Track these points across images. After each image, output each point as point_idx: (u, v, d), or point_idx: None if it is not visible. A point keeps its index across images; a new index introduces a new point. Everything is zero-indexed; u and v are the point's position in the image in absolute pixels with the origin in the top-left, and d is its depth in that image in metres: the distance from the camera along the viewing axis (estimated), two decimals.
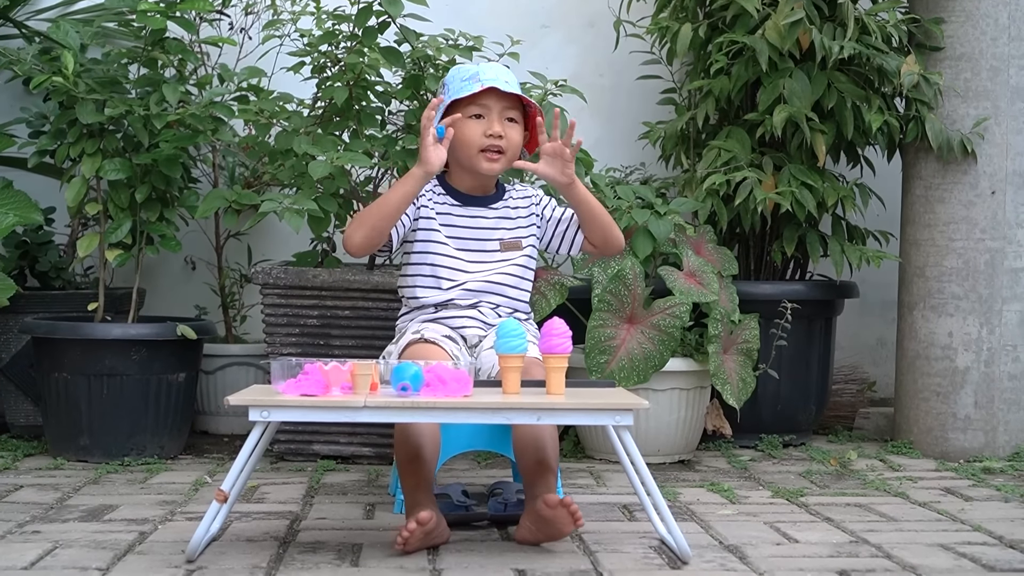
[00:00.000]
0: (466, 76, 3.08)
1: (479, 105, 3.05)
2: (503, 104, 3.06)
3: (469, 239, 3.11)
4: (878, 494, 3.44)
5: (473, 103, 3.05)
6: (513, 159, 3.09)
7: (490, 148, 3.05)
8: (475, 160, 3.06)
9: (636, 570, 2.60)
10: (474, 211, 3.12)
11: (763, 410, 4.13)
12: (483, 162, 3.06)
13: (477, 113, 3.05)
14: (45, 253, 4.26)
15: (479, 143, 3.05)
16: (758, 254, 4.32)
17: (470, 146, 3.05)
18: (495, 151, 3.05)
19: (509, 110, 3.07)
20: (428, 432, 2.84)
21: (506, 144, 3.05)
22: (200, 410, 4.32)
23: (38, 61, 3.90)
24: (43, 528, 2.95)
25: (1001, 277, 4.04)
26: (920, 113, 4.06)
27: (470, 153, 3.06)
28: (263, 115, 3.85)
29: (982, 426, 4.05)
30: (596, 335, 3.77)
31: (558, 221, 3.19)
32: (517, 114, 3.09)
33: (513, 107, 3.08)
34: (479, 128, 3.05)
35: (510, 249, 3.12)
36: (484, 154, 3.05)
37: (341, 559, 2.66)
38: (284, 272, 3.78)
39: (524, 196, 3.20)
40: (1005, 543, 2.87)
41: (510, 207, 3.16)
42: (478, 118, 3.05)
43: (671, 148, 4.35)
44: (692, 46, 4.17)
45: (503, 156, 3.06)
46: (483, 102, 3.05)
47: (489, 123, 3.05)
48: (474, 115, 3.05)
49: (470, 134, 3.04)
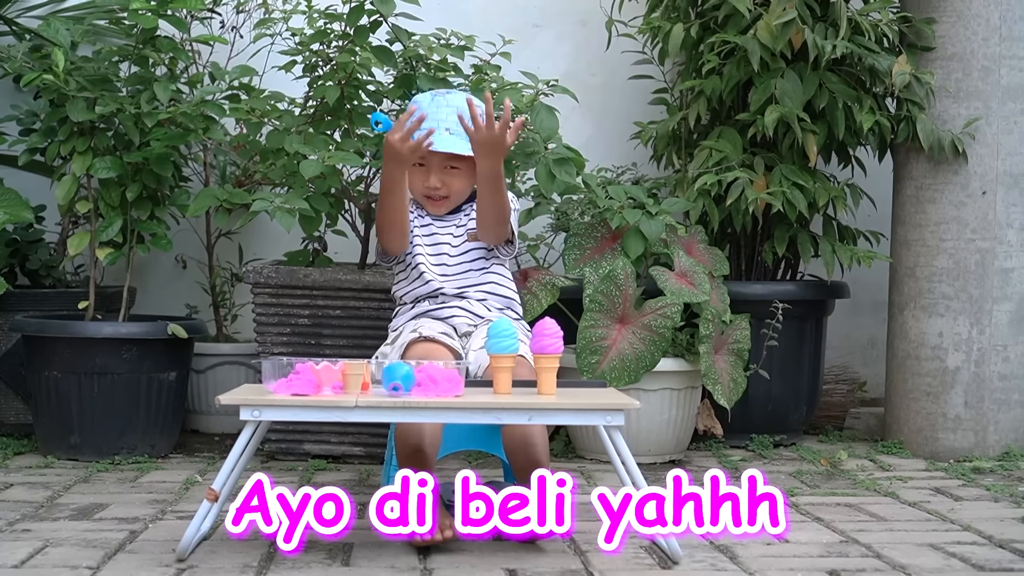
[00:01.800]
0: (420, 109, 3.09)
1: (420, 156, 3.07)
2: (441, 156, 3.11)
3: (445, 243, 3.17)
4: (868, 494, 3.44)
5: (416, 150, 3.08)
6: (460, 199, 3.18)
7: (431, 195, 3.15)
8: (423, 202, 3.18)
9: (627, 570, 2.60)
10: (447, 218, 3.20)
11: (754, 410, 4.13)
12: (428, 205, 3.18)
13: (420, 162, 3.11)
14: (36, 251, 4.25)
15: (421, 191, 3.16)
16: (749, 254, 4.32)
17: (415, 192, 3.17)
18: (437, 198, 3.15)
19: (450, 160, 3.12)
20: (429, 427, 2.84)
21: (445, 191, 3.15)
22: (191, 409, 4.32)
23: (29, 58, 3.90)
24: (33, 527, 2.94)
25: (991, 277, 4.05)
26: (911, 113, 4.07)
27: (418, 194, 3.17)
28: (254, 114, 3.85)
29: (972, 426, 4.05)
30: (587, 335, 3.77)
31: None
32: (460, 162, 3.12)
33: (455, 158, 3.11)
34: (420, 178, 3.14)
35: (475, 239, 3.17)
36: (427, 199, 3.17)
37: (332, 558, 2.66)
38: (275, 271, 3.78)
39: None
40: (995, 543, 2.88)
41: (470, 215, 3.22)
42: (420, 166, 3.12)
43: (663, 148, 4.36)
44: (684, 46, 4.18)
45: (446, 200, 3.16)
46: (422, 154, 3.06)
47: (427, 174, 3.13)
48: (418, 163, 3.11)
49: (414, 183, 3.15)
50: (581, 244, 3.95)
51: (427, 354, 2.89)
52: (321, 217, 3.81)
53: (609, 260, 3.86)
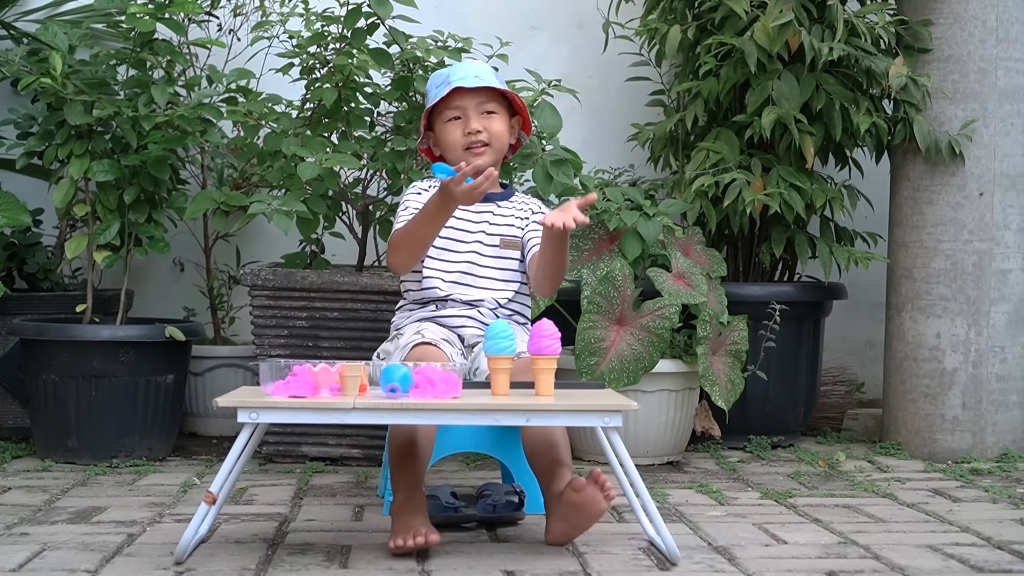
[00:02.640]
0: (439, 82, 3.13)
1: (453, 108, 3.10)
2: (477, 100, 3.10)
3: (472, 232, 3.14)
4: (866, 495, 3.44)
5: (447, 107, 3.11)
6: (502, 149, 3.14)
7: (472, 145, 3.09)
8: (460, 158, 3.07)
9: (625, 571, 2.60)
10: (480, 208, 3.16)
11: (752, 411, 4.13)
12: (471, 158, 3.05)
13: (454, 116, 3.10)
14: (33, 255, 4.25)
15: (461, 143, 3.09)
16: (747, 256, 4.32)
17: (455, 149, 3.10)
18: (479, 146, 3.09)
19: (485, 103, 3.11)
20: (424, 428, 2.84)
21: (488, 136, 3.10)
22: (189, 412, 4.31)
23: (26, 62, 3.90)
24: (31, 530, 2.94)
25: (989, 278, 4.05)
26: (908, 115, 4.07)
27: (457, 155, 3.09)
28: (252, 116, 3.85)
29: (970, 427, 4.06)
30: (586, 337, 3.77)
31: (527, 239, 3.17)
32: (497, 105, 3.13)
33: (490, 99, 3.12)
34: (458, 130, 3.10)
35: (509, 247, 3.15)
36: (469, 152, 3.08)
37: (330, 561, 2.66)
38: (273, 274, 3.78)
39: (527, 202, 3.24)
40: (993, 544, 2.88)
41: (516, 206, 3.20)
42: (456, 120, 3.10)
43: (660, 150, 4.36)
44: (681, 48, 4.18)
45: (489, 147, 3.10)
46: (456, 104, 3.10)
47: (466, 122, 3.09)
48: (452, 118, 3.10)
49: (451, 138, 3.10)
50: (579, 246, 3.95)
51: (423, 358, 2.88)
52: (318, 219, 3.81)
53: (607, 261, 3.86)
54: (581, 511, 2.72)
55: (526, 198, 3.27)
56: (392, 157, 3.77)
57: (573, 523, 2.75)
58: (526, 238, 3.17)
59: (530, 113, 3.78)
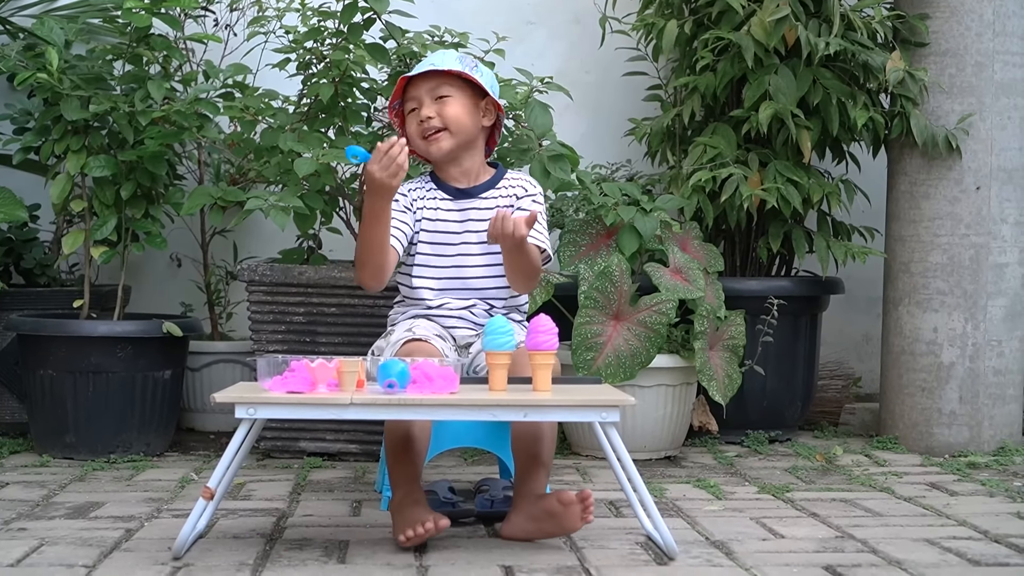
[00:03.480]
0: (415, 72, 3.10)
1: (409, 100, 3.08)
2: (429, 85, 3.05)
3: (459, 231, 3.09)
4: (864, 489, 3.45)
5: (406, 100, 3.09)
6: (463, 131, 3.05)
7: (426, 132, 3.05)
8: (423, 150, 3.08)
9: (623, 566, 2.61)
10: (464, 203, 3.10)
11: (749, 406, 4.13)
12: (429, 148, 3.06)
13: (412, 108, 3.07)
14: (30, 250, 4.25)
15: (417, 132, 3.06)
16: (744, 250, 4.33)
17: (414, 141, 3.08)
18: (432, 133, 3.04)
19: (438, 88, 3.04)
20: (419, 423, 2.84)
21: (440, 121, 3.04)
22: (186, 407, 4.31)
23: (22, 57, 3.89)
24: (29, 525, 2.94)
25: (986, 272, 4.06)
26: (905, 109, 4.07)
27: (418, 146, 3.08)
28: (248, 112, 3.84)
29: (967, 421, 4.06)
30: (583, 332, 3.77)
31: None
32: (453, 88, 3.05)
33: (443, 83, 3.05)
34: (414, 121, 3.07)
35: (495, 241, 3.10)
36: (426, 140, 3.06)
37: (328, 556, 2.66)
38: (270, 269, 3.78)
39: (514, 184, 3.13)
40: (990, 538, 2.88)
41: (502, 195, 3.12)
42: (414, 112, 3.07)
43: (657, 145, 4.36)
44: (678, 43, 4.18)
45: (446, 131, 3.05)
46: (411, 95, 3.07)
47: (420, 111, 3.05)
48: (411, 111, 3.08)
49: (409, 130, 3.08)
50: (576, 241, 3.95)
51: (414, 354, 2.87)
52: (315, 215, 3.80)
53: (604, 257, 3.86)
54: (556, 522, 2.75)
55: (515, 177, 3.16)
56: None
57: (541, 528, 2.78)
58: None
59: (521, 112, 3.78)
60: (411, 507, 2.75)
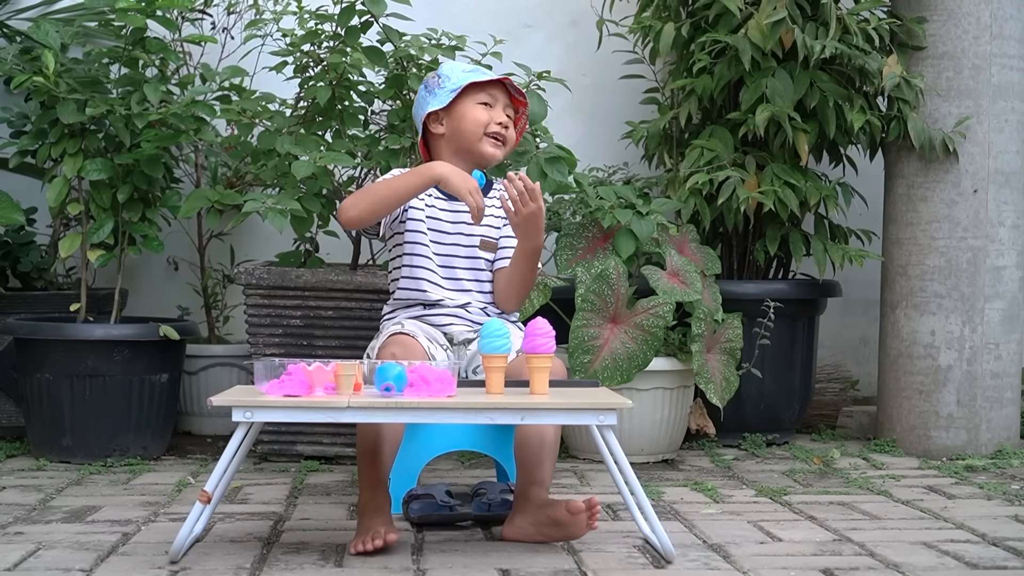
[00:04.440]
0: (468, 68, 3.17)
1: (487, 94, 3.11)
2: (506, 100, 3.14)
3: (450, 232, 3.10)
4: (861, 492, 3.45)
5: (482, 91, 3.12)
6: (511, 151, 3.18)
7: (496, 133, 3.10)
8: (479, 144, 3.10)
9: (620, 569, 2.60)
10: (457, 205, 3.10)
11: (746, 409, 4.13)
12: (487, 146, 3.10)
13: (484, 101, 3.11)
14: (27, 253, 4.25)
15: (486, 126, 3.09)
16: (741, 253, 4.32)
17: (477, 127, 3.09)
18: (501, 138, 3.11)
19: (509, 108, 3.16)
20: (387, 429, 2.83)
21: (509, 135, 3.13)
22: (183, 411, 4.31)
23: (19, 61, 3.89)
24: (26, 529, 2.93)
25: (983, 275, 4.06)
26: (902, 112, 4.07)
27: (475, 135, 3.10)
28: (245, 115, 3.84)
29: (964, 424, 4.06)
30: (580, 335, 3.77)
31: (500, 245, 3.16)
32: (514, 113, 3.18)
33: (511, 107, 3.17)
34: (487, 114, 3.10)
35: (487, 249, 3.12)
36: (488, 139, 3.10)
37: (325, 559, 2.66)
38: (267, 272, 3.78)
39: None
40: (988, 541, 2.88)
41: (495, 205, 3.15)
42: (485, 106, 3.11)
43: (654, 147, 4.36)
44: (675, 45, 4.18)
45: (504, 146, 3.13)
46: (492, 91, 3.12)
47: (496, 112, 3.11)
48: (482, 102, 3.11)
49: (480, 117, 3.10)
50: (572, 244, 3.95)
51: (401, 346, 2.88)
52: (313, 218, 3.80)
53: (601, 260, 3.86)
54: (561, 530, 2.76)
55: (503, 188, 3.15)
56: (386, 155, 3.76)
57: (544, 532, 2.79)
58: (500, 243, 3.14)
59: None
60: (371, 514, 2.76)
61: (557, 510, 2.75)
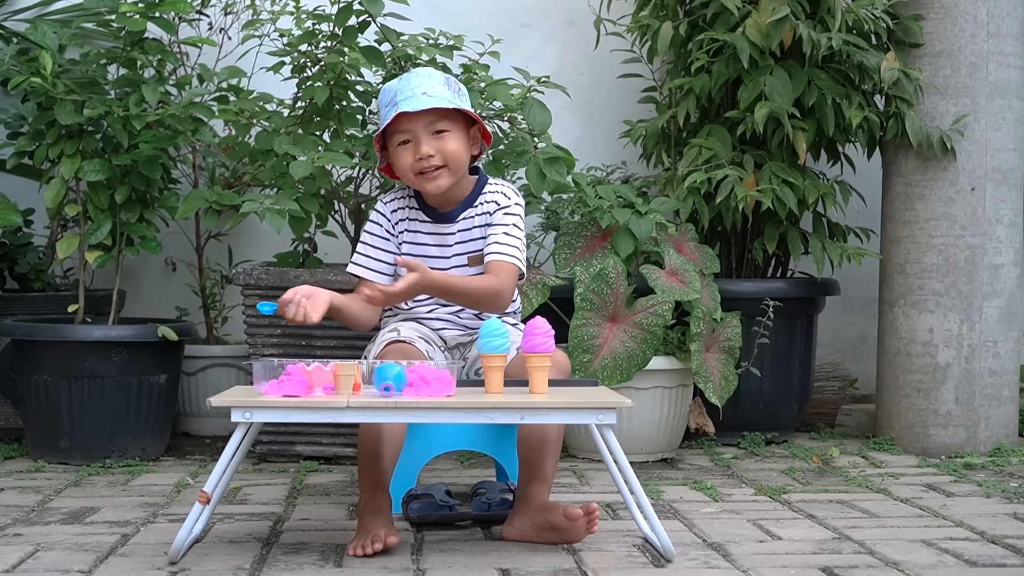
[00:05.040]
0: (387, 101, 2.94)
1: (402, 132, 2.92)
2: (426, 120, 2.90)
3: (438, 257, 3.01)
4: (860, 491, 3.45)
5: (396, 130, 2.93)
6: (460, 166, 2.94)
7: (425, 170, 2.91)
8: (419, 186, 2.96)
9: (620, 568, 2.60)
10: (441, 227, 3.02)
11: (745, 408, 4.13)
12: (426, 185, 2.93)
13: (403, 139, 2.92)
14: (24, 255, 4.24)
15: (413, 168, 2.92)
16: (740, 252, 4.32)
17: (407, 175, 2.94)
18: (432, 170, 2.92)
19: (436, 123, 2.91)
20: (389, 430, 2.83)
21: (441, 159, 2.91)
22: (182, 411, 4.31)
23: (16, 62, 3.88)
24: (25, 531, 2.93)
25: (981, 273, 4.06)
26: (900, 110, 4.07)
27: (410, 180, 2.95)
28: (243, 115, 3.84)
29: (963, 422, 4.06)
30: (579, 334, 3.77)
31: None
32: (449, 122, 2.93)
33: (440, 117, 2.92)
34: (409, 154, 2.91)
35: (476, 263, 3.01)
36: (422, 177, 2.93)
37: (324, 560, 2.66)
38: (265, 273, 3.77)
39: (489, 200, 3.03)
40: (987, 538, 2.88)
41: (477, 214, 3.02)
42: (405, 144, 2.92)
43: (652, 146, 4.36)
44: (673, 44, 4.18)
45: (445, 169, 2.92)
46: (404, 127, 2.91)
47: (416, 146, 2.90)
48: (402, 142, 2.92)
49: (402, 163, 2.93)
50: (571, 243, 3.94)
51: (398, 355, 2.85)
52: (311, 218, 3.80)
53: (599, 259, 3.86)
54: (559, 534, 2.77)
55: (493, 190, 3.04)
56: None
57: (542, 536, 2.79)
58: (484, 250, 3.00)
59: (519, 111, 3.78)
60: (372, 516, 2.75)
61: (555, 515, 2.75)
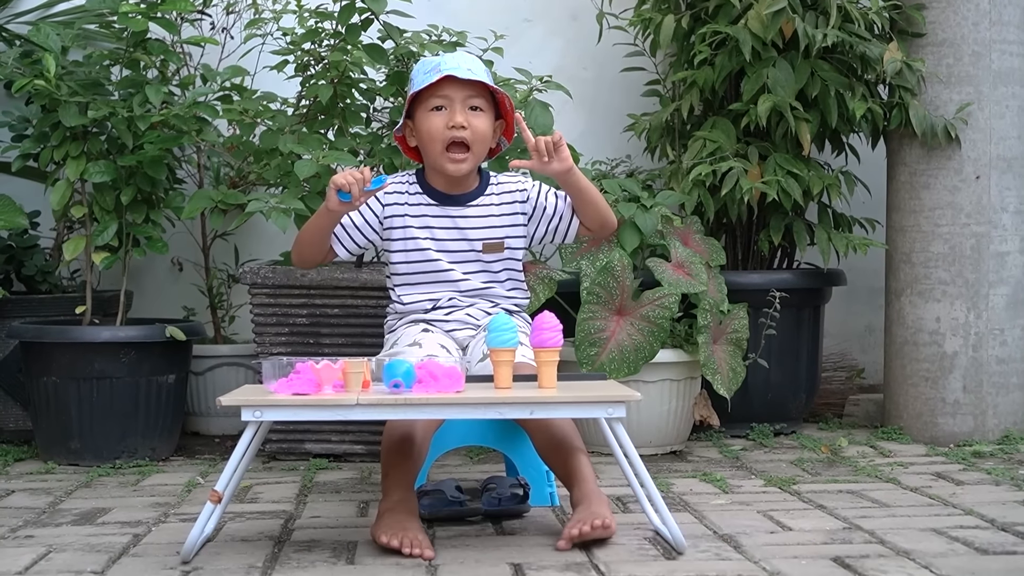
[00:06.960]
0: (428, 68, 2.97)
1: (440, 96, 2.94)
2: (465, 93, 2.95)
3: (448, 240, 3.04)
4: (870, 480, 3.45)
5: (434, 95, 2.95)
6: (482, 153, 3.01)
7: (454, 141, 2.94)
8: (440, 160, 2.97)
9: (632, 561, 2.61)
10: (451, 211, 3.04)
11: (753, 399, 4.13)
12: (447, 163, 2.96)
13: (439, 105, 2.95)
14: (31, 257, 4.25)
15: (442, 136, 2.94)
16: (745, 244, 4.33)
17: (433, 141, 2.95)
18: (459, 146, 2.95)
19: (473, 98, 2.96)
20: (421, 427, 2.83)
21: (470, 135, 2.94)
22: (191, 411, 4.31)
23: (19, 64, 3.89)
24: (36, 532, 2.94)
25: (987, 261, 4.06)
26: (903, 100, 4.07)
27: (435, 150, 2.96)
28: (247, 115, 3.84)
29: (971, 410, 4.06)
30: (586, 328, 3.77)
31: (551, 217, 3.09)
32: (483, 102, 2.98)
33: (478, 95, 2.96)
34: (441, 121, 2.94)
35: (492, 251, 3.05)
36: (448, 154, 2.95)
37: (337, 557, 2.66)
38: (272, 271, 3.78)
39: (508, 191, 3.10)
40: (997, 526, 2.88)
41: (494, 203, 3.08)
42: (439, 110, 2.95)
43: (656, 140, 4.36)
44: (675, 37, 4.18)
45: (469, 152, 2.96)
46: (443, 93, 2.94)
47: (451, 114, 2.94)
48: (436, 107, 2.95)
49: (432, 128, 2.94)
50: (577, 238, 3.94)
51: None
52: None
53: (606, 253, 3.86)
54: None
55: (506, 181, 3.10)
56: (388, 153, 3.77)
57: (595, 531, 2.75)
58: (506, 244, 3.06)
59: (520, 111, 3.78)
60: (406, 515, 2.72)
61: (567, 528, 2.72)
